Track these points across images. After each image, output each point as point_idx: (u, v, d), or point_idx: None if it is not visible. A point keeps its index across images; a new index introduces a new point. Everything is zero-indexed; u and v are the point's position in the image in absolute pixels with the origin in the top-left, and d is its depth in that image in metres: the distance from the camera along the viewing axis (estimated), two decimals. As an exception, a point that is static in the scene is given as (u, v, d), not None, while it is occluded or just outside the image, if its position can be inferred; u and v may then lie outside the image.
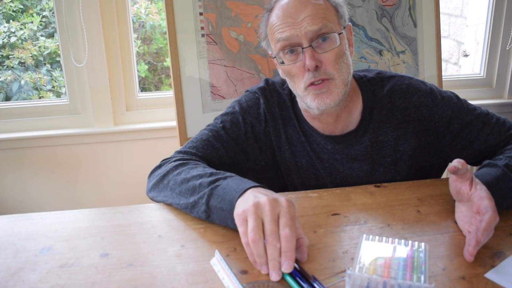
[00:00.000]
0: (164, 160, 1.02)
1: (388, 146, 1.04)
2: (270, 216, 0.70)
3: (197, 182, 0.87)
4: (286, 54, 0.97)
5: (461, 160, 0.78)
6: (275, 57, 1.00)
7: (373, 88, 1.06)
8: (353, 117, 1.05)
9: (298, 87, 0.98)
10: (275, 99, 1.09)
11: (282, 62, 0.98)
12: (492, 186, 0.81)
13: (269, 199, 0.72)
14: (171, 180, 0.93)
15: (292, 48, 0.95)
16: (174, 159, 0.99)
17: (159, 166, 1.00)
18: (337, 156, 1.06)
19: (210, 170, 0.90)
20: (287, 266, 0.67)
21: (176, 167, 0.94)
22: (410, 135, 1.04)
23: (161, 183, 0.95)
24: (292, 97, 1.08)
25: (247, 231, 0.70)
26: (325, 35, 0.94)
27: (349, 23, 1.02)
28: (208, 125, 1.08)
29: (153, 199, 0.98)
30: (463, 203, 0.82)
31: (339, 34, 0.95)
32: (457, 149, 1.04)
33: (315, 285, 0.66)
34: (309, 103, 0.97)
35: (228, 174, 0.87)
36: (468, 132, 1.01)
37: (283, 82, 1.11)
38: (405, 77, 1.07)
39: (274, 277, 0.68)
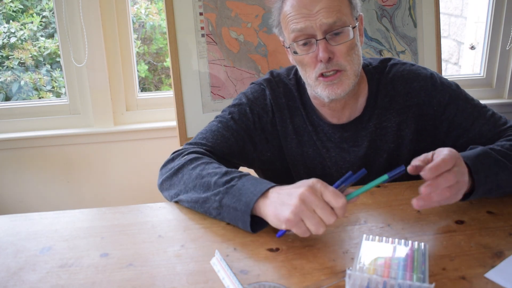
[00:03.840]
0: (175, 152, 1.02)
1: (391, 132, 1.06)
2: (321, 204, 0.73)
3: (211, 179, 0.87)
4: (299, 45, 0.98)
5: (419, 158, 0.79)
6: (288, 47, 1.01)
7: (378, 75, 1.08)
8: (359, 103, 1.07)
9: (309, 76, 1.00)
10: (281, 89, 1.10)
11: (295, 52, 0.99)
12: (472, 160, 0.83)
13: (307, 189, 0.74)
14: (185, 174, 0.92)
15: (305, 39, 0.96)
16: (187, 152, 0.99)
17: (172, 159, 1.00)
18: (343, 145, 1.07)
19: (224, 168, 0.90)
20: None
21: (190, 161, 0.94)
22: (410, 120, 1.06)
23: (175, 176, 0.94)
24: (299, 87, 1.10)
25: (305, 230, 0.74)
26: (339, 29, 0.95)
27: (361, 14, 1.04)
28: (217, 117, 1.09)
29: (165, 193, 0.98)
30: None
31: (353, 28, 0.97)
32: (453, 137, 1.05)
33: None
34: (319, 92, 0.99)
35: (243, 173, 0.87)
36: (463, 120, 1.03)
37: (288, 72, 1.13)
38: (407, 64, 1.09)
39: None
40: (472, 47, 2.07)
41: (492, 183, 0.85)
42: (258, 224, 0.81)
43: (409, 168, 0.78)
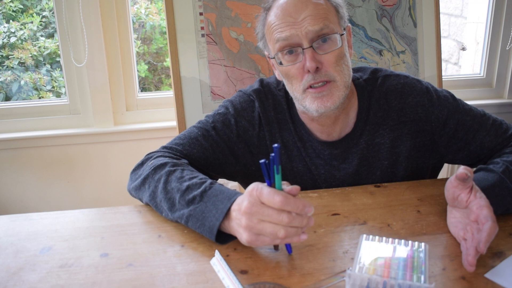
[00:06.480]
0: (147, 155, 0.98)
1: (384, 149, 1.02)
2: (265, 212, 0.68)
3: (175, 196, 0.84)
4: (285, 55, 0.94)
5: (469, 168, 0.75)
6: (273, 58, 0.98)
7: (369, 88, 1.04)
8: (350, 119, 1.03)
9: (295, 89, 0.95)
10: (270, 101, 1.05)
11: (281, 63, 0.95)
12: (488, 192, 0.80)
13: (248, 204, 0.70)
14: (151, 185, 0.89)
15: (291, 48, 0.93)
16: (155, 156, 0.96)
17: (142, 164, 0.96)
18: (333, 162, 1.03)
19: (187, 182, 0.85)
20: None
21: (154, 170, 0.90)
22: (406, 136, 1.02)
23: (142, 186, 0.91)
24: (287, 99, 1.05)
25: (270, 240, 0.71)
26: (326, 36, 0.91)
27: (349, 24, 1.00)
28: (199, 123, 1.05)
29: (135, 198, 0.95)
30: (458, 209, 0.80)
31: (341, 35, 0.93)
32: (453, 150, 1.02)
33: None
34: (307, 105, 0.94)
35: (204, 188, 0.82)
36: (464, 133, 1.00)
37: (278, 82, 1.08)
38: (401, 76, 1.04)
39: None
40: (463, 48, 2.07)
41: (503, 210, 0.84)
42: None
43: (460, 174, 0.74)
